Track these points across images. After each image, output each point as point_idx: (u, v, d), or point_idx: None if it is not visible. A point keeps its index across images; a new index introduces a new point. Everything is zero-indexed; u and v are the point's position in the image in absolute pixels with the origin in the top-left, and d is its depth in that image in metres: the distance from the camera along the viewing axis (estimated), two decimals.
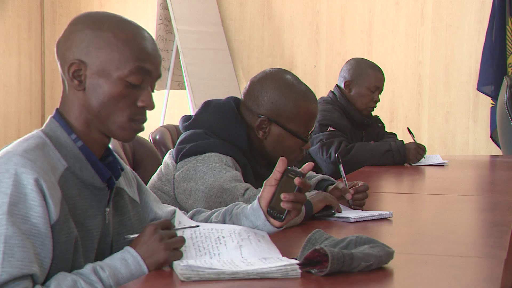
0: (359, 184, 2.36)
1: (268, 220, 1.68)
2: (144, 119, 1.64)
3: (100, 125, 1.61)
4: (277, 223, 1.68)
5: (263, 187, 1.69)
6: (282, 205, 1.63)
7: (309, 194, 2.24)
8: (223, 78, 6.08)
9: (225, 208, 1.80)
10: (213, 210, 1.85)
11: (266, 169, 2.41)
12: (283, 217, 1.65)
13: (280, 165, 1.66)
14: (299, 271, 1.46)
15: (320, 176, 2.55)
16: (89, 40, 1.59)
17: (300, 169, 1.67)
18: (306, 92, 2.34)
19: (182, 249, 1.55)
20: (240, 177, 2.22)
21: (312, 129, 2.40)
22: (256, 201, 1.70)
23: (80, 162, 1.59)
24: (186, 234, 1.60)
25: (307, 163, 1.69)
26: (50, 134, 1.59)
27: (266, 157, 2.35)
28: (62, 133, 1.60)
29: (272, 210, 1.66)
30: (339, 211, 2.23)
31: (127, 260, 1.52)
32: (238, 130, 2.32)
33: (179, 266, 1.47)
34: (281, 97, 2.31)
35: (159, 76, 1.65)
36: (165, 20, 5.91)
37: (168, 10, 5.84)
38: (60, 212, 1.50)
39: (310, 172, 2.60)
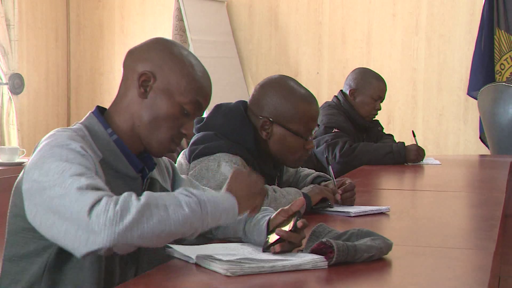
0: (347, 183, 2.34)
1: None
2: (179, 144, 1.69)
3: (143, 134, 1.64)
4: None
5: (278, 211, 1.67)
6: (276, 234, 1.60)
7: (307, 189, 2.26)
8: (233, 84, 6.08)
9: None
10: None
11: (273, 168, 2.40)
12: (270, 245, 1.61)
13: (296, 205, 1.63)
14: (326, 262, 1.46)
15: (316, 173, 2.56)
16: (166, 61, 1.63)
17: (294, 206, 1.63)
18: (305, 95, 2.33)
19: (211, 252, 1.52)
20: None
21: (315, 130, 2.38)
22: (265, 224, 1.67)
23: (114, 154, 1.60)
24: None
25: (298, 199, 1.66)
26: (89, 127, 1.61)
27: (272, 158, 2.34)
28: (100, 127, 1.61)
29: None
30: (335, 203, 2.24)
31: (222, 196, 1.50)
32: (246, 132, 2.31)
33: (219, 263, 1.44)
34: (281, 99, 2.29)
35: (202, 113, 1.70)
36: (180, 30, 5.91)
37: (183, 21, 5.84)
38: (105, 182, 1.50)
39: (308, 170, 2.60)
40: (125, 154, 1.62)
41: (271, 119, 2.29)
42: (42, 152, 1.48)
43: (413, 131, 4.01)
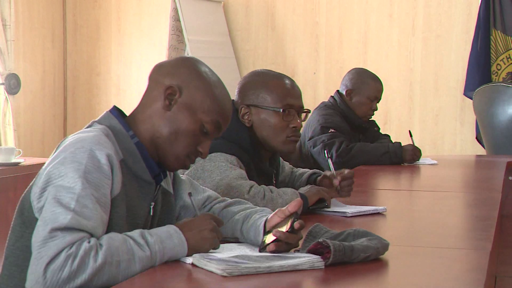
0: (346, 172, 2.35)
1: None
2: (194, 161, 1.70)
3: (160, 146, 1.66)
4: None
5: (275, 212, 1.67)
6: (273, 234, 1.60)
7: (304, 189, 2.25)
8: (230, 84, 6.01)
9: (244, 216, 1.77)
10: (238, 209, 1.83)
11: (269, 166, 2.40)
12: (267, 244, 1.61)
13: (293, 205, 1.63)
14: (323, 262, 1.46)
15: (311, 171, 2.57)
16: (193, 78, 1.68)
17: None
18: (274, 73, 2.38)
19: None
20: (245, 175, 2.22)
21: (304, 109, 2.35)
22: (262, 224, 1.68)
23: (134, 156, 1.63)
24: None
25: (295, 200, 1.65)
26: (110, 127, 1.64)
27: (269, 148, 2.34)
28: (121, 128, 1.64)
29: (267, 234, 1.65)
30: (333, 188, 2.28)
31: (171, 234, 1.52)
32: (240, 131, 2.32)
33: (216, 263, 1.44)
34: (250, 83, 2.35)
35: (220, 134, 1.73)
36: (177, 31, 5.91)
37: (180, 21, 5.84)
38: (120, 189, 1.55)
39: (304, 169, 2.61)
40: (144, 158, 1.64)
41: (246, 104, 2.31)
42: (67, 154, 1.53)
43: (410, 131, 4.02)
